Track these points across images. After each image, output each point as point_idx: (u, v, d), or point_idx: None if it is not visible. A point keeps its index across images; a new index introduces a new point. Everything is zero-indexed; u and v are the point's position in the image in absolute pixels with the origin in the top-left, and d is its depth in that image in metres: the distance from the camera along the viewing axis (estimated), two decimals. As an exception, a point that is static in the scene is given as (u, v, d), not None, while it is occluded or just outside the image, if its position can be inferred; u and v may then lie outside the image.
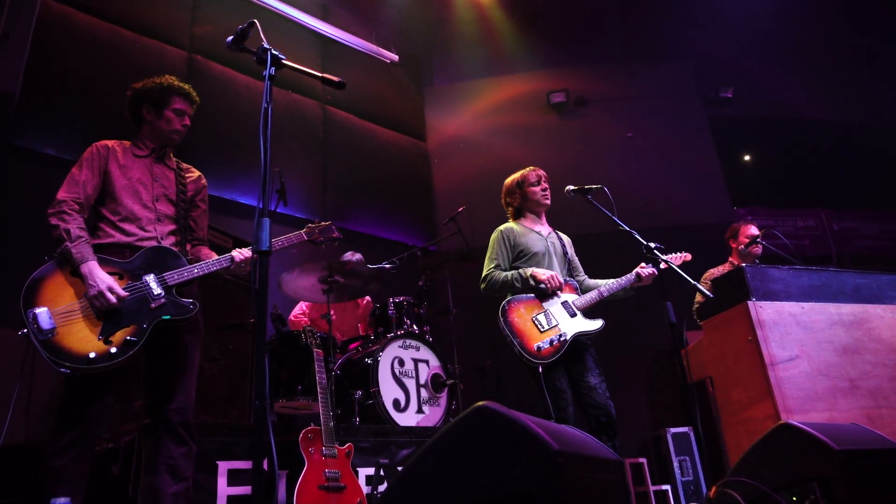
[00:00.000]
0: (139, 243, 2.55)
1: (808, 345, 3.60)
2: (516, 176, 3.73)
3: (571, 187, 3.61)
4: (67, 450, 2.25)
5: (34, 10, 4.71)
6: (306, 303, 5.18)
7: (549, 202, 3.70)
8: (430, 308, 4.99)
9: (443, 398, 4.36)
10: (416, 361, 4.32)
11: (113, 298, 2.31)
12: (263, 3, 6.51)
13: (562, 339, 3.32)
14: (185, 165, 2.89)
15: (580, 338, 3.40)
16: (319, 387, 3.23)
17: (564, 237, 3.84)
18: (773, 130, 9.15)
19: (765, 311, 3.62)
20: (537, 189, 3.66)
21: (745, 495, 2.12)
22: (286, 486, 2.96)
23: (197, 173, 2.91)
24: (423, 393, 4.26)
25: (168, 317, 2.41)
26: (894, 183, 9.32)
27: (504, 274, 3.53)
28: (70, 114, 4.91)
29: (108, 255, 2.47)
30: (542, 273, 3.43)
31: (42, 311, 2.23)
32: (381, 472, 3.32)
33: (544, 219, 3.79)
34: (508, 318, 3.36)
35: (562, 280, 3.45)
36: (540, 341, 3.28)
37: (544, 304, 3.43)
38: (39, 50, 4.79)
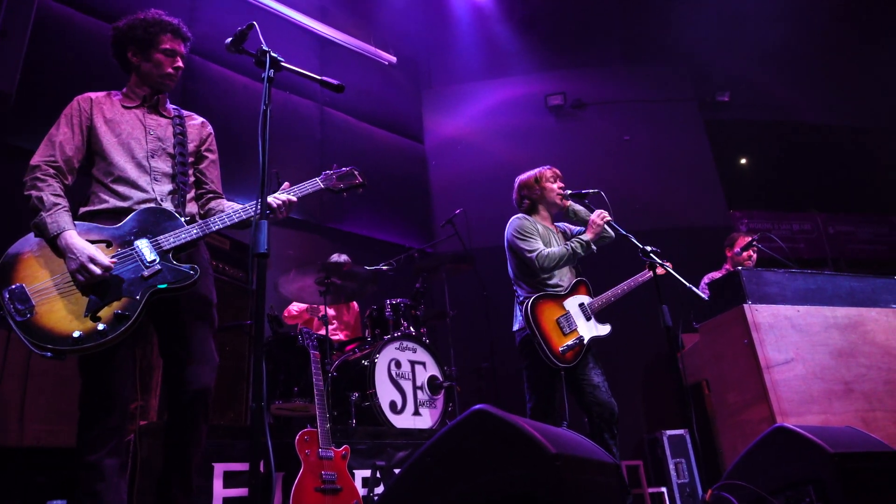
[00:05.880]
0: (137, 206, 2.26)
1: (803, 348, 3.62)
2: (533, 172, 3.71)
3: (568, 191, 3.63)
4: (99, 443, 2.05)
5: (32, 8, 4.71)
6: (297, 305, 5.19)
7: (562, 201, 3.66)
8: (427, 310, 4.99)
9: (439, 400, 4.36)
10: (412, 363, 4.32)
11: (97, 270, 2.04)
12: (261, 4, 6.51)
13: (581, 342, 3.33)
14: (185, 113, 2.57)
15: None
16: (316, 389, 3.23)
17: (569, 230, 3.83)
18: (770, 134, 9.20)
19: (760, 314, 3.63)
20: (554, 186, 3.64)
21: (740, 498, 2.13)
22: (282, 489, 2.96)
23: (199, 119, 2.60)
24: (420, 395, 4.26)
25: (164, 285, 2.13)
26: (889, 187, 9.38)
27: (555, 249, 3.45)
28: (67, 114, 4.89)
29: (102, 221, 2.21)
30: (595, 222, 3.44)
31: (17, 288, 2.00)
32: (378, 475, 3.32)
33: (551, 217, 3.79)
34: (538, 317, 3.31)
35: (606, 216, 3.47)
36: (563, 345, 3.28)
37: (565, 304, 3.43)
38: (37, 49, 4.78)
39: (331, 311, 5.20)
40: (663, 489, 5.09)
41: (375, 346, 4.21)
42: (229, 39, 2.21)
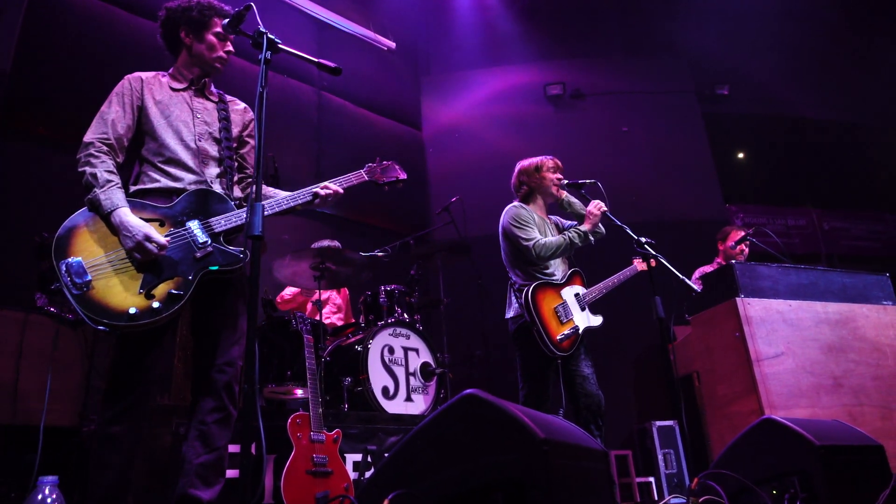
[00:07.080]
0: (190, 188, 2.30)
1: (793, 342, 3.65)
2: (536, 160, 3.70)
3: (565, 181, 3.63)
4: (124, 416, 2.08)
5: (27, -14, 4.66)
6: (290, 288, 5.19)
7: (559, 193, 3.65)
8: (422, 297, 5.00)
9: (431, 387, 4.38)
10: (405, 350, 4.34)
11: (153, 248, 2.08)
12: (260, -15, 6.44)
13: (576, 332, 3.35)
14: (229, 98, 2.62)
15: None
16: (309, 373, 3.24)
17: (561, 223, 3.83)
18: (768, 128, 9.20)
19: (752, 308, 3.66)
20: (553, 177, 3.64)
21: (726, 488, 2.15)
22: (273, 471, 2.98)
23: (242, 105, 2.66)
24: (413, 381, 4.28)
25: (216, 267, 2.17)
26: (884, 184, 9.41)
27: (552, 239, 3.46)
28: (62, 93, 4.86)
29: (153, 200, 2.24)
30: (593, 213, 3.45)
31: (75, 262, 2.02)
32: (369, 459, 3.35)
33: (546, 208, 3.78)
34: (538, 305, 3.32)
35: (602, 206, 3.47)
36: (560, 333, 3.30)
37: (562, 293, 3.45)
38: (32, 28, 4.73)
39: (323, 294, 5.21)
40: (651, 479, 5.14)
41: (369, 331, 4.23)
42: (226, 20, 2.20)
